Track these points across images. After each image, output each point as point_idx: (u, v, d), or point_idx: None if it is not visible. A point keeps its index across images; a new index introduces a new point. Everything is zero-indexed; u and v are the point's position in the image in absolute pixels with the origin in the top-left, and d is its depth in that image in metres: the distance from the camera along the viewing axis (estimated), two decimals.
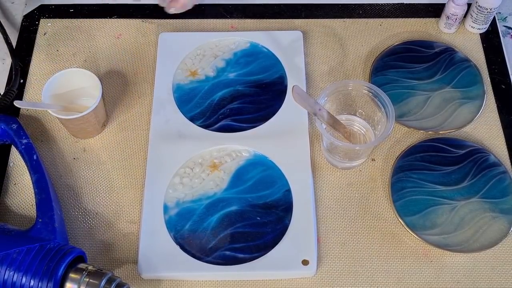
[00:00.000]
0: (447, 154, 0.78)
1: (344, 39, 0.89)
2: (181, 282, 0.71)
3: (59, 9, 0.92)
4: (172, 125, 0.80)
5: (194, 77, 0.85)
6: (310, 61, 0.87)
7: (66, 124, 0.78)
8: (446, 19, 0.88)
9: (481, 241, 0.72)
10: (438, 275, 0.72)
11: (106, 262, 0.73)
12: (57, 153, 0.80)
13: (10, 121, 0.77)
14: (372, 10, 0.92)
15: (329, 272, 0.72)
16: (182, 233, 0.73)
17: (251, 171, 0.77)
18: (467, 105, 0.82)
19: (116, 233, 0.75)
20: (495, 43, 0.89)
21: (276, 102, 0.82)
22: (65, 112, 0.77)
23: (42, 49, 0.89)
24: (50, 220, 0.69)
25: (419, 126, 0.81)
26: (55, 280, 0.63)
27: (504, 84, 0.86)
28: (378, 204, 0.76)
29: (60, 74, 0.78)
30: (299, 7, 0.92)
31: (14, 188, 0.78)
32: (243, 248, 0.72)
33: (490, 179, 0.76)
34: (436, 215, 0.74)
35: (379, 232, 0.75)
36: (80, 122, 0.76)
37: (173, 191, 0.76)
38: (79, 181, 0.78)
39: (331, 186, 0.78)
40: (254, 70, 0.85)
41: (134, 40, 0.89)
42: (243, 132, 0.80)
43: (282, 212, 0.74)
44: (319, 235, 0.74)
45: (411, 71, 0.85)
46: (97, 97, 0.76)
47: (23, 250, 0.65)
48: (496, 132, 0.81)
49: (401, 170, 0.77)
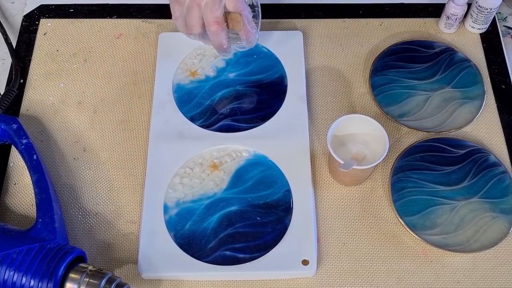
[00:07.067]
0: (447, 154, 0.78)
1: (344, 39, 0.89)
2: (181, 282, 0.71)
3: (59, 9, 0.92)
4: (172, 125, 0.80)
5: (194, 77, 0.85)
6: (310, 61, 0.87)
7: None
8: (446, 19, 0.88)
9: (481, 241, 0.72)
10: (438, 275, 0.72)
11: (106, 262, 0.73)
12: (57, 153, 0.80)
13: (10, 121, 0.77)
14: (372, 10, 0.92)
15: (329, 272, 0.72)
16: (182, 233, 0.73)
17: (251, 171, 0.77)
18: (467, 105, 0.82)
19: (116, 233, 0.75)
20: (495, 43, 0.89)
21: (276, 102, 0.82)
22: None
23: (42, 49, 0.89)
24: (50, 220, 0.69)
25: (419, 126, 0.81)
26: (55, 280, 0.63)
27: (504, 84, 0.86)
28: (378, 204, 0.76)
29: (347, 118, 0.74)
30: (299, 7, 0.92)
31: (14, 188, 0.78)
32: (243, 248, 0.72)
33: (490, 179, 0.76)
34: (436, 215, 0.74)
35: (379, 232, 0.75)
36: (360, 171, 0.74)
37: (173, 191, 0.76)
38: (79, 181, 0.78)
39: (331, 186, 0.78)
40: (254, 70, 0.85)
41: (134, 40, 0.89)
42: (243, 132, 0.80)
43: (282, 212, 0.74)
44: (319, 235, 0.74)
45: (411, 71, 0.85)
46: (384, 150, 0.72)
47: (23, 250, 0.65)
48: (496, 132, 0.81)
49: (401, 170, 0.77)
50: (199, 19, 0.73)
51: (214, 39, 0.75)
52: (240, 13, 0.73)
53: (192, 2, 0.72)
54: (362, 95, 0.85)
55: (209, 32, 0.74)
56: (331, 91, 0.85)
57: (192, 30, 0.75)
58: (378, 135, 0.74)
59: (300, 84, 0.83)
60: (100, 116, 0.83)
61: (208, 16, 0.72)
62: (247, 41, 0.77)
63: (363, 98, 0.84)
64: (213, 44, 0.76)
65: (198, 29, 0.74)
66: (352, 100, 0.84)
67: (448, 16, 0.87)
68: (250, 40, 0.77)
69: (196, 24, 0.73)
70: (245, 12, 0.74)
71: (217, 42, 0.75)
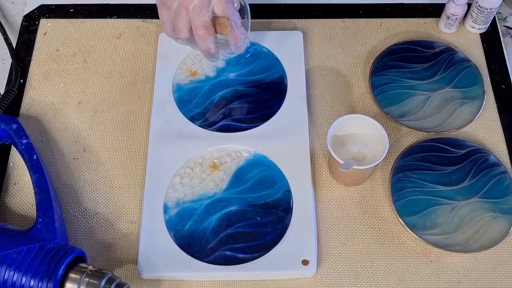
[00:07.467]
0: (447, 154, 0.78)
1: (344, 39, 0.89)
2: (181, 282, 0.71)
3: (59, 9, 0.92)
4: (172, 125, 0.80)
5: (194, 77, 0.85)
6: (310, 61, 0.87)
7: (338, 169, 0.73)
8: (446, 19, 0.88)
9: (481, 241, 0.72)
10: (438, 275, 0.72)
11: (106, 262, 0.73)
12: (57, 153, 0.80)
13: (10, 121, 0.77)
14: (372, 10, 0.92)
15: (329, 272, 0.72)
16: (182, 233, 0.73)
17: (251, 171, 0.77)
18: (467, 105, 0.82)
19: (116, 233, 0.75)
20: (495, 43, 0.89)
21: (276, 102, 0.82)
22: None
23: (42, 49, 0.89)
24: (50, 220, 0.69)
25: (419, 126, 0.81)
26: (55, 280, 0.63)
27: (504, 84, 0.86)
28: (378, 204, 0.76)
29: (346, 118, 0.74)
30: (299, 7, 0.92)
31: (14, 188, 0.78)
32: (243, 248, 0.72)
33: (490, 179, 0.76)
34: (436, 215, 0.74)
35: (379, 232, 0.74)
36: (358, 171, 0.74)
37: (173, 191, 0.76)
38: (79, 181, 0.78)
39: (331, 186, 0.78)
40: (254, 70, 0.85)
41: (134, 40, 0.89)
42: (243, 132, 0.80)
43: (282, 212, 0.74)
44: (319, 235, 0.74)
45: (411, 71, 0.85)
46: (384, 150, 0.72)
47: (23, 250, 0.65)
48: (496, 132, 0.81)
49: (401, 170, 0.77)
50: (187, 23, 0.72)
51: (201, 43, 0.74)
52: (228, 18, 0.72)
53: (180, 6, 0.71)
54: (362, 95, 0.85)
55: (196, 36, 0.73)
56: (331, 91, 0.85)
57: (179, 34, 0.74)
58: (378, 135, 0.74)
59: (300, 84, 0.83)
60: (100, 116, 0.83)
61: (195, 20, 0.71)
62: (236, 46, 0.76)
63: (363, 98, 0.84)
64: (200, 49, 0.76)
65: (186, 33, 0.73)
66: (352, 100, 0.84)
67: (448, 16, 0.87)
68: (238, 45, 0.76)
69: (183, 28, 0.73)
70: (233, 17, 0.73)
71: (204, 47, 0.75)
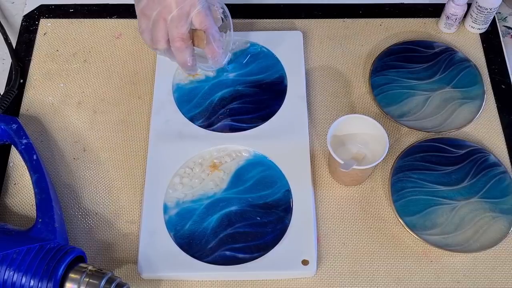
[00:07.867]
0: (447, 154, 0.78)
1: (344, 39, 0.89)
2: (181, 282, 0.71)
3: (59, 9, 0.92)
4: (172, 125, 0.80)
5: (194, 77, 0.85)
6: (310, 61, 0.87)
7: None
8: (446, 19, 0.88)
9: (481, 241, 0.72)
10: (438, 275, 0.72)
11: (106, 262, 0.73)
12: (57, 153, 0.80)
13: (10, 121, 0.77)
14: (372, 10, 0.92)
15: (329, 272, 0.72)
16: (182, 233, 0.73)
17: (251, 171, 0.77)
18: (467, 105, 0.82)
19: (116, 233, 0.75)
20: (495, 43, 0.89)
21: (276, 102, 0.82)
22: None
23: (42, 49, 0.89)
24: (50, 220, 0.69)
25: (419, 126, 0.81)
26: (55, 280, 0.63)
27: (504, 84, 0.86)
28: (378, 204, 0.76)
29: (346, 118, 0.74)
30: (299, 7, 0.92)
31: (14, 188, 0.78)
32: (243, 248, 0.72)
33: (490, 179, 0.76)
34: (436, 215, 0.74)
35: (379, 232, 0.74)
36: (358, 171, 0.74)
37: (173, 191, 0.76)
38: (79, 181, 0.78)
39: (331, 186, 0.78)
40: (254, 70, 0.85)
41: (134, 40, 0.89)
42: (243, 132, 0.80)
43: (282, 212, 0.74)
44: (319, 235, 0.74)
45: (411, 71, 0.85)
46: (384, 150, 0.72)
47: (23, 250, 0.65)
48: (496, 132, 0.81)
49: (401, 170, 0.77)
50: (165, 34, 0.72)
51: (178, 55, 0.74)
52: (205, 31, 0.72)
53: (159, 17, 0.71)
54: (362, 95, 0.85)
55: (173, 48, 0.73)
56: (331, 91, 0.85)
57: (157, 45, 0.73)
58: (378, 135, 0.74)
59: (300, 84, 0.83)
60: (100, 116, 0.83)
61: (173, 31, 0.71)
62: (213, 60, 0.76)
63: (363, 98, 0.84)
64: (177, 60, 0.75)
65: (163, 44, 0.73)
66: (352, 100, 0.84)
67: (448, 16, 0.87)
68: (216, 59, 0.75)
69: (161, 39, 0.72)
70: (211, 30, 0.72)
71: (181, 59, 0.74)
